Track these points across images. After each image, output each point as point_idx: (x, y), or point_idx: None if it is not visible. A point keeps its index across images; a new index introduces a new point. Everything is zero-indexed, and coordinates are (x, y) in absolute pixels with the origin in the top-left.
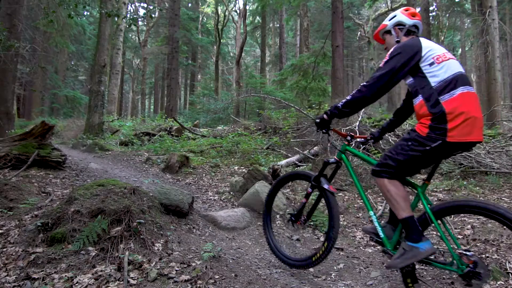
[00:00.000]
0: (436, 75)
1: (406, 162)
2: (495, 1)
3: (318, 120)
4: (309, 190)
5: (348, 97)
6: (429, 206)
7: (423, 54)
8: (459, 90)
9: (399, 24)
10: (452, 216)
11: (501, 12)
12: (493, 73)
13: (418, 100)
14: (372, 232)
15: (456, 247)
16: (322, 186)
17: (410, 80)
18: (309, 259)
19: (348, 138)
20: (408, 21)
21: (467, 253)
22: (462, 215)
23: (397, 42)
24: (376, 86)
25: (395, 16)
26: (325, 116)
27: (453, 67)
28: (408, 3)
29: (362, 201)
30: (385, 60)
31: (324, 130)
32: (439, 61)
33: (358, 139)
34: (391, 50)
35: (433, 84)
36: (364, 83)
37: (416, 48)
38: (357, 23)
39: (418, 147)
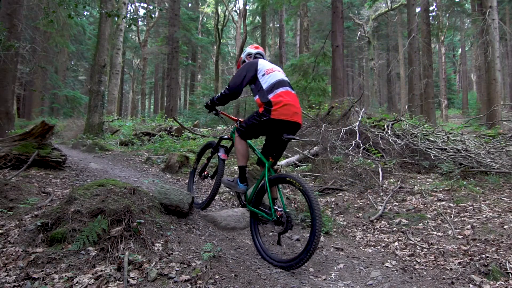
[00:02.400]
0: (266, 81)
1: (249, 126)
2: (495, 1)
3: (205, 104)
4: (210, 155)
5: (219, 94)
6: (269, 175)
7: (258, 68)
8: (279, 90)
9: (249, 54)
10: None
11: (501, 12)
12: (493, 73)
13: (256, 97)
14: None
15: (280, 205)
16: (218, 153)
17: (252, 85)
18: (205, 201)
19: (238, 122)
20: (253, 51)
21: (279, 208)
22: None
23: None
24: (232, 88)
25: (245, 50)
26: (209, 102)
27: (277, 76)
28: (408, 3)
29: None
30: (237, 70)
31: (213, 112)
32: (268, 73)
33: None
34: (241, 66)
35: (264, 87)
36: (227, 86)
37: (254, 65)
38: (357, 23)
39: (257, 118)
